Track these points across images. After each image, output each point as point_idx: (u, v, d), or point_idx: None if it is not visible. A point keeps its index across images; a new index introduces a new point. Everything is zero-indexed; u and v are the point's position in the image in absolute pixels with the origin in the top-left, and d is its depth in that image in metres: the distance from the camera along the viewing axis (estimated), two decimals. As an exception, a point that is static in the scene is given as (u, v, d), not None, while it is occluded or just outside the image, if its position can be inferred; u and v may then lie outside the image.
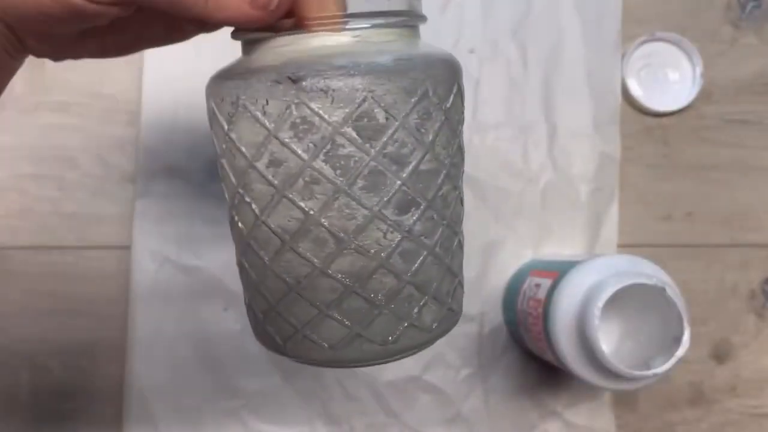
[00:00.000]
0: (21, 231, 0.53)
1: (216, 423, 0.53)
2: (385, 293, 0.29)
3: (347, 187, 0.28)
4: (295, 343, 0.30)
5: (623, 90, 0.56)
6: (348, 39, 0.29)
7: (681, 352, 0.42)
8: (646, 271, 0.45)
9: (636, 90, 0.56)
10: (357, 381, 0.53)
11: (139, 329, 0.52)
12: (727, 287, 0.56)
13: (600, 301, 0.42)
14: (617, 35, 0.56)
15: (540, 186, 0.55)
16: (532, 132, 0.55)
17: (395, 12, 0.30)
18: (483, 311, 0.54)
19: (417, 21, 0.31)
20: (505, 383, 0.54)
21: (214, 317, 0.53)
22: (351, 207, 0.28)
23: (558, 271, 0.47)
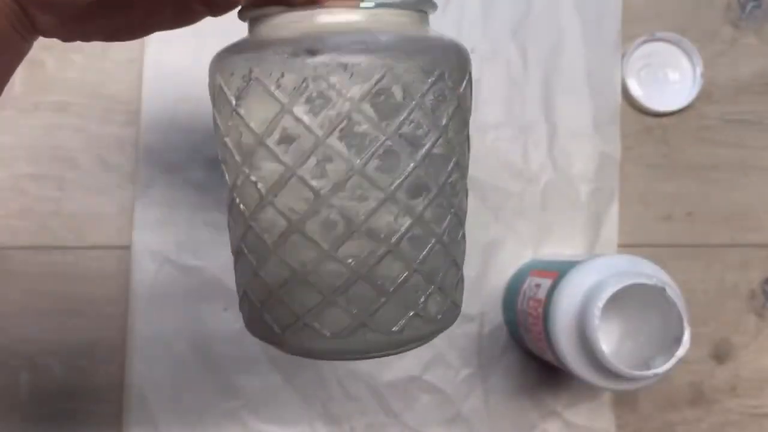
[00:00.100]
0: (21, 231, 0.53)
1: (216, 423, 0.53)
2: (393, 280, 0.29)
3: (361, 167, 0.27)
4: (295, 332, 0.29)
5: (623, 90, 0.56)
6: (362, 17, 0.28)
7: (681, 352, 0.42)
8: (646, 271, 0.45)
9: (636, 90, 0.56)
10: (357, 381, 0.53)
11: (139, 329, 0.52)
12: (727, 287, 0.56)
13: (600, 301, 0.42)
14: (617, 35, 0.56)
15: (540, 186, 0.55)
16: (532, 132, 0.55)
17: None
18: (483, 311, 0.54)
19: (429, 6, 0.31)
20: (505, 383, 0.54)
21: (214, 317, 0.53)
22: (363, 187, 0.27)
23: (558, 271, 0.47)
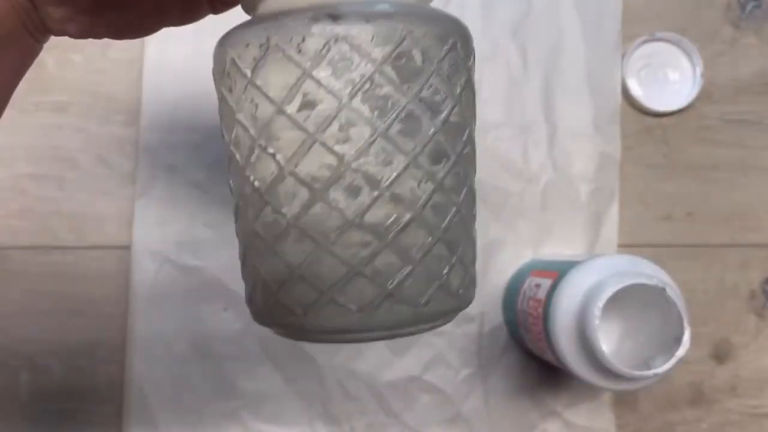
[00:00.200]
0: (21, 231, 0.53)
1: (216, 423, 0.53)
2: (418, 248, 0.29)
3: (385, 130, 0.27)
4: (319, 311, 0.28)
5: (623, 90, 0.56)
6: None
7: (681, 352, 0.42)
8: (646, 271, 0.45)
9: (636, 90, 0.56)
10: (357, 381, 0.53)
11: (139, 329, 0.52)
12: (727, 287, 0.56)
13: (600, 301, 0.42)
14: (617, 35, 0.56)
15: (540, 186, 0.55)
16: (532, 132, 0.55)
17: None
18: (483, 311, 0.54)
19: None
20: (505, 383, 0.54)
21: (214, 317, 0.53)
22: (387, 151, 0.28)
23: (558, 271, 0.47)
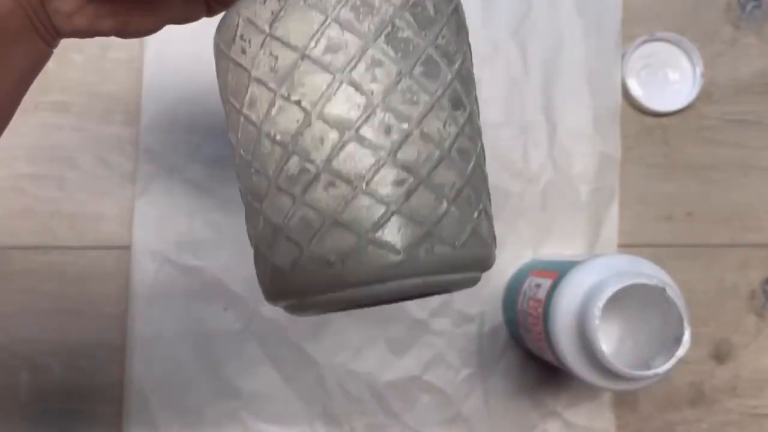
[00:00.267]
0: (21, 231, 0.53)
1: (216, 423, 0.53)
2: (450, 188, 0.29)
3: (409, 70, 0.28)
4: (359, 256, 0.28)
5: (623, 90, 0.56)
6: None
7: (681, 352, 0.42)
8: (646, 271, 0.45)
9: (636, 90, 0.56)
10: (357, 381, 0.53)
11: (139, 329, 0.52)
12: (727, 287, 0.56)
13: (600, 301, 0.42)
14: (617, 35, 0.56)
15: (540, 186, 0.55)
16: (532, 132, 0.55)
17: None
18: (483, 311, 0.54)
19: None
20: (505, 383, 0.54)
21: (214, 317, 0.53)
22: (413, 91, 0.28)
23: (558, 271, 0.47)
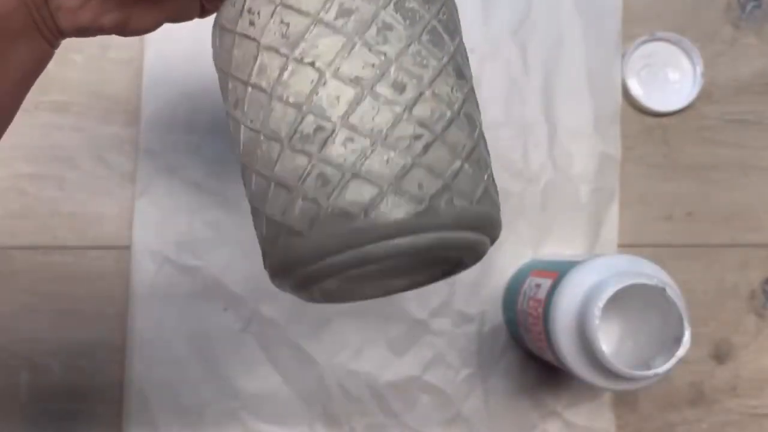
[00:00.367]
0: (21, 231, 0.53)
1: (216, 423, 0.53)
2: (462, 146, 0.31)
3: (418, 36, 0.30)
4: (381, 208, 0.28)
5: (623, 90, 0.56)
6: None
7: (681, 352, 0.42)
8: (646, 271, 0.45)
9: (636, 90, 0.56)
10: (357, 381, 0.53)
11: (139, 329, 0.52)
12: (727, 287, 0.56)
13: (600, 301, 0.42)
14: (617, 35, 0.56)
15: (540, 186, 0.55)
16: (532, 132, 0.55)
17: None
18: (483, 311, 0.54)
19: None
20: (505, 383, 0.54)
21: (214, 317, 0.53)
22: (422, 55, 0.30)
23: (558, 271, 0.47)
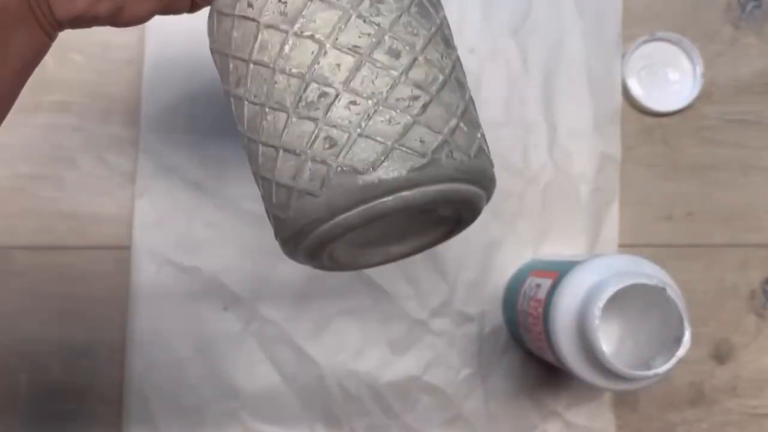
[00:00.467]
0: (21, 231, 0.53)
1: (216, 423, 0.53)
2: (456, 106, 0.33)
3: (407, 8, 0.32)
4: (388, 164, 0.31)
5: (623, 90, 0.56)
6: None
7: (681, 352, 0.42)
8: (646, 271, 0.45)
9: (636, 90, 0.56)
10: (357, 381, 0.53)
11: (139, 329, 0.52)
12: (727, 287, 0.56)
13: (600, 301, 0.42)
14: (617, 35, 0.56)
15: (540, 186, 0.55)
16: (532, 132, 0.55)
17: None
18: (483, 311, 0.54)
19: None
20: (505, 383, 0.54)
21: (214, 317, 0.53)
22: (413, 25, 0.32)
23: (558, 271, 0.47)
